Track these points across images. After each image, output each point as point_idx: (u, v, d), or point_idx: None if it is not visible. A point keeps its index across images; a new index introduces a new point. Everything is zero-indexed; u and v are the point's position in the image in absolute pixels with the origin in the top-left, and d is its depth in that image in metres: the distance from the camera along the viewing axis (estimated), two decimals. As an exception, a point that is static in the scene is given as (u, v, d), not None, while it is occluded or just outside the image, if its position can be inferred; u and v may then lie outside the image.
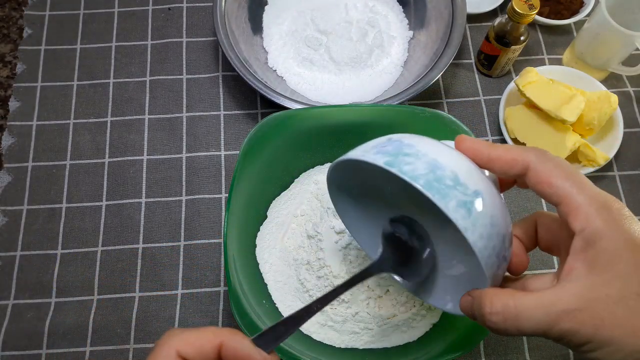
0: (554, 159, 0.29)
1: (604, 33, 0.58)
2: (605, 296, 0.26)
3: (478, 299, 0.29)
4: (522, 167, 0.29)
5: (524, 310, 0.27)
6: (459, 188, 0.28)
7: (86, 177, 0.60)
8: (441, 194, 0.28)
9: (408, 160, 0.30)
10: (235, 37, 0.62)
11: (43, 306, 0.55)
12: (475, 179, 0.29)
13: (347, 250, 0.48)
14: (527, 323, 0.26)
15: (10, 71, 0.66)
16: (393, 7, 0.69)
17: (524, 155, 0.29)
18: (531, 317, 0.26)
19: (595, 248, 0.26)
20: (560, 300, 0.26)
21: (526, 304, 0.27)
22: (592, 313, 0.25)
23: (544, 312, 0.26)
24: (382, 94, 0.63)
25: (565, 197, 0.27)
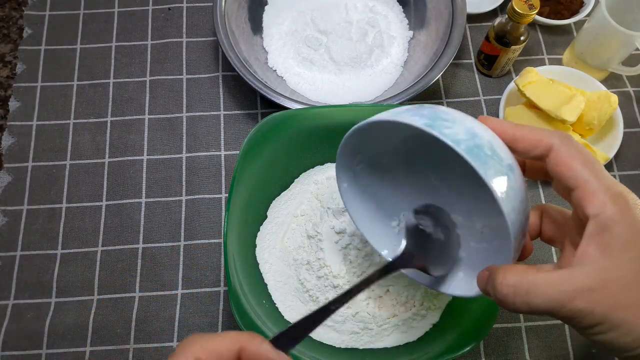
0: (577, 144, 0.29)
1: (604, 33, 0.58)
2: (620, 278, 0.26)
3: (493, 273, 0.29)
4: (544, 149, 0.29)
5: (537, 287, 0.27)
6: (495, 158, 0.29)
7: (86, 177, 0.60)
8: (481, 161, 0.28)
9: (447, 124, 0.30)
10: (235, 37, 0.62)
11: (43, 306, 0.55)
12: (508, 154, 0.30)
13: (347, 250, 0.48)
14: (538, 299, 0.27)
15: (10, 71, 0.66)
16: (393, 7, 0.69)
17: (549, 137, 0.29)
18: (543, 293, 0.27)
19: (610, 233, 0.26)
20: (575, 279, 0.26)
21: (539, 281, 0.27)
22: (607, 293, 0.26)
23: (558, 289, 0.26)
24: (382, 94, 0.63)
25: (582, 181, 0.28)
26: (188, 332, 0.54)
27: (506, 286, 0.28)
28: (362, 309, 0.47)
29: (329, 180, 0.52)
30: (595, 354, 0.53)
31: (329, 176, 0.53)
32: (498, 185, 0.28)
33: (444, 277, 0.38)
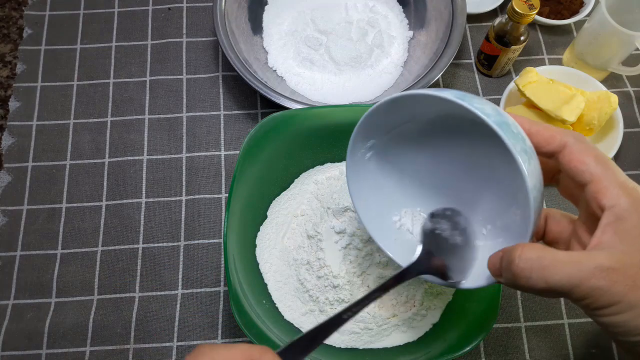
0: (589, 143, 0.31)
1: (604, 33, 0.58)
2: (638, 261, 0.27)
3: (509, 251, 0.29)
4: (558, 145, 0.31)
5: (555, 263, 0.27)
6: (520, 137, 0.30)
7: (86, 177, 0.60)
8: (509, 135, 0.29)
9: (476, 101, 0.31)
10: (235, 37, 0.62)
11: (43, 306, 0.55)
12: (526, 138, 0.31)
13: (347, 250, 0.48)
14: (557, 276, 0.27)
15: (10, 71, 0.66)
16: (393, 7, 0.69)
17: (563, 135, 0.31)
18: (563, 270, 0.27)
19: (626, 222, 0.28)
20: (594, 258, 0.27)
21: (558, 258, 0.27)
22: (626, 273, 0.26)
23: (577, 267, 0.27)
24: (382, 94, 0.63)
25: (596, 175, 0.29)
26: (188, 332, 0.54)
27: (525, 260, 0.28)
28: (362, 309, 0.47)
29: (329, 180, 0.52)
30: (595, 353, 0.53)
31: (329, 176, 0.53)
32: (523, 160, 0.29)
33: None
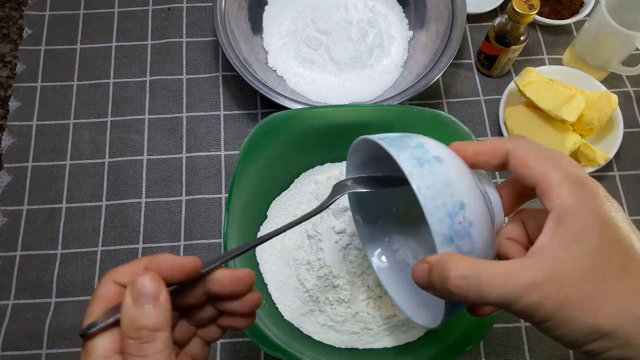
0: (533, 143, 0.30)
1: (604, 33, 0.58)
2: (572, 272, 0.25)
3: (440, 264, 0.27)
4: (503, 155, 0.30)
5: (491, 278, 0.26)
6: (419, 149, 0.30)
7: (86, 177, 0.60)
8: (398, 148, 0.30)
9: (388, 134, 0.32)
10: (235, 37, 0.62)
11: (43, 306, 0.55)
12: (441, 150, 0.31)
13: (347, 250, 0.48)
14: (494, 292, 0.25)
15: (10, 71, 0.66)
16: (393, 7, 0.69)
17: (505, 143, 0.30)
18: (498, 285, 0.25)
19: (564, 224, 0.26)
20: (528, 271, 0.25)
21: (493, 272, 0.26)
22: (557, 288, 0.25)
23: (511, 283, 0.25)
24: (382, 94, 0.63)
25: (541, 177, 0.28)
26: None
27: (461, 277, 0.26)
28: (362, 309, 0.47)
29: (329, 180, 0.52)
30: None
31: (329, 176, 0.53)
32: (410, 164, 0.29)
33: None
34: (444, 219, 0.28)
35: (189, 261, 0.27)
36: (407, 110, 0.53)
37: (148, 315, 0.25)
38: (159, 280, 0.26)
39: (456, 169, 0.30)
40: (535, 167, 0.28)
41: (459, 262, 0.27)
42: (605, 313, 0.25)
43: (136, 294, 0.25)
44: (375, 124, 0.52)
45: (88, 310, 0.26)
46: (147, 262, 0.27)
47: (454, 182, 0.29)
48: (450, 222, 0.28)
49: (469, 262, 0.27)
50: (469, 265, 0.26)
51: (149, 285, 0.25)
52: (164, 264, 0.27)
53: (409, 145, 0.30)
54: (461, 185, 0.29)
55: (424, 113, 0.52)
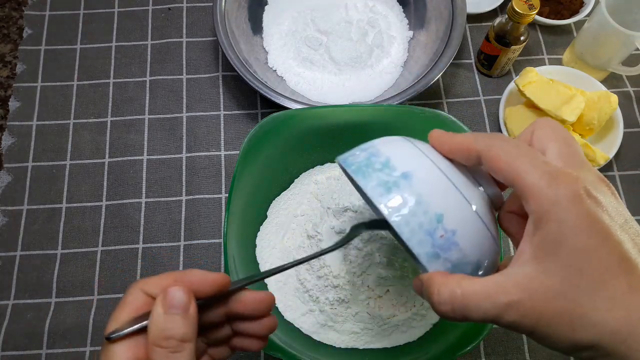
0: (506, 141, 0.27)
1: (604, 33, 0.58)
2: (546, 288, 0.25)
3: (426, 284, 0.28)
4: (475, 156, 0.28)
5: (471, 300, 0.26)
6: (385, 171, 0.29)
7: (86, 177, 0.60)
8: (364, 176, 0.29)
9: (356, 153, 0.32)
10: (235, 37, 0.62)
11: (43, 306, 0.55)
12: (408, 164, 0.29)
13: (347, 250, 0.48)
14: (475, 314, 0.26)
15: (10, 71, 0.66)
16: (393, 7, 0.69)
17: (475, 142, 0.28)
18: (479, 307, 0.25)
19: (540, 232, 0.25)
20: (504, 290, 0.25)
21: (472, 293, 0.26)
22: (533, 305, 0.24)
23: (490, 303, 0.25)
24: (382, 94, 0.63)
25: (516, 177, 0.26)
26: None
27: (444, 304, 0.27)
28: (362, 309, 0.47)
29: (329, 180, 0.52)
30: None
31: (329, 176, 0.53)
32: (378, 193, 0.28)
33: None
34: (424, 240, 0.28)
35: (219, 277, 0.28)
36: (407, 110, 0.53)
37: (177, 325, 0.26)
38: (190, 293, 0.27)
39: (427, 180, 0.29)
40: (509, 167, 0.26)
41: (440, 286, 0.27)
42: (581, 328, 0.24)
43: (167, 305, 0.26)
44: (375, 124, 0.52)
45: (113, 316, 0.27)
46: (177, 275, 0.28)
47: (425, 197, 0.28)
48: (432, 239, 0.28)
49: (449, 285, 0.27)
50: (448, 290, 0.26)
51: (180, 297, 0.26)
52: (194, 278, 0.28)
53: (375, 167, 0.30)
54: (434, 196, 0.28)
55: (424, 113, 0.52)
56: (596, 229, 0.24)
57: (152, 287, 0.28)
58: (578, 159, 0.27)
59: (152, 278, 0.28)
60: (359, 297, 0.47)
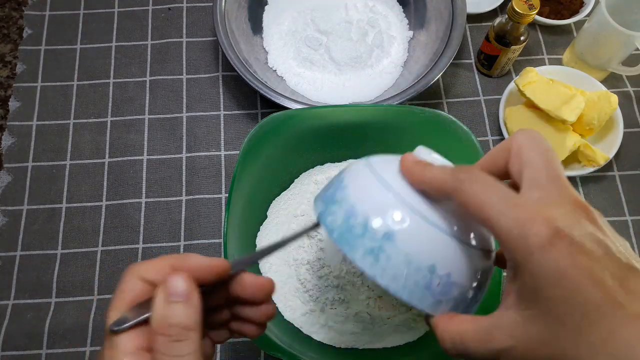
0: (477, 181, 0.26)
1: (604, 33, 0.58)
2: (530, 336, 0.25)
3: (434, 330, 0.29)
4: (447, 194, 0.28)
5: (470, 345, 0.27)
6: (368, 236, 0.28)
7: (86, 177, 0.60)
8: (350, 245, 0.29)
9: (333, 209, 0.30)
10: (235, 37, 0.62)
11: (43, 306, 0.55)
12: (391, 218, 0.29)
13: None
14: (476, 356, 0.27)
15: (10, 71, 0.66)
16: (393, 7, 0.69)
17: (450, 180, 0.27)
18: (477, 351, 0.26)
19: (518, 280, 0.25)
20: (495, 337, 0.26)
21: (470, 340, 0.27)
22: (523, 352, 0.25)
23: (486, 349, 0.26)
24: (382, 94, 0.63)
25: (488, 222, 0.25)
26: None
27: (449, 350, 0.28)
28: (362, 309, 0.47)
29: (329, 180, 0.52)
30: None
31: (329, 176, 0.53)
32: (368, 264, 0.28)
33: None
34: (423, 295, 0.28)
35: (218, 263, 0.28)
36: (407, 110, 0.53)
37: (180, 314, 0.25)
38: (191, 281, 0.26)
39: (409, 234, 0.28)
40: (479, 213, 0.26)
41: (442, 332, 0.28)
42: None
43: (168, 293, 0.26)
44: (375, 124, 0.52)
45: (112, 305, 0.27)
46: (174, 261, 0.28)
47: (414, 255, 0.28)
48: (430, 291, 0.28)
49: (450, 332, 0.28)
50: (450, 337, 0.28)
51: (182, 285, 0.26)
52: (193, 265, 0.28)
53: (356, 233, 0.29)
54: (421, 249, 0.28)
55: (424, 113, 0.52)
56: (569, 278, 0.23)
57: (150, 272, 0.27)
58: (557, 184, 0.26)
59: (148, 262, 0.28)
60: (359, 297, 0.47)
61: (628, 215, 0.58)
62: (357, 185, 0.31)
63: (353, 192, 0.31)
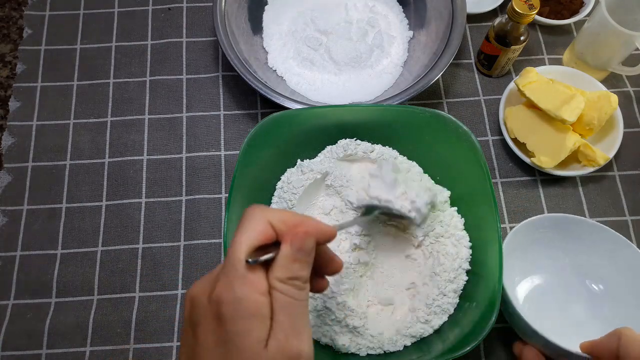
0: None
1: (604, 33, 0.58)
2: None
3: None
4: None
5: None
6: None
7: (86, 177, 0.60)
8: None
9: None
10: (235, 37, 0.62)
11: (43, 306, 0.55)
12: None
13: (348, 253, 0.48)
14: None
15: (10, 71, 0.66)
16: (393, 7, 0.69)
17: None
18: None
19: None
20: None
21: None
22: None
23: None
24: (382, 94, 0.63)
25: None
26: (188, 332, 0.54)
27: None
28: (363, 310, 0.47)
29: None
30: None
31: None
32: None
33: None
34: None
35: (332, 230, 0.32)
36: (407, 110, 0.53)
37: (303, 267, 0.30)
38: (315, 243, 0.31)
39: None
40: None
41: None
42: None
43: (298, 249, 0.30)
44: (375, 124, 0.52)
45: (240, 239, 0.29)
46: (300, 219, 0.31)
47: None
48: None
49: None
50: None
51: (311, 245, 0.30)
52: (311, 228, 0.31)
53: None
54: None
55: (424, 113, 0.52)
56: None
57: (277, 221, 0.30)
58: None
59: (274, 211, 0.31)
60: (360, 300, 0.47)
61: (628, 215, 0.58)
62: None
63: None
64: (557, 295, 0.52)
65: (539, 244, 0.52)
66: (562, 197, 0.59)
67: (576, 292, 0.52)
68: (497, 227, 0.46)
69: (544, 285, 0.53)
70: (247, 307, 0.28)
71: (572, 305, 0.52)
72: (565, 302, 0.52)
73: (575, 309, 0.52)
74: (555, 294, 0.53)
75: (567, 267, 0.53)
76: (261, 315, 0.28)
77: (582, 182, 0.60)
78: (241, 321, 0.27)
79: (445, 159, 0.52)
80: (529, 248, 0.52)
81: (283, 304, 0.28)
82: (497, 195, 0.59)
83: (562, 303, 0.52)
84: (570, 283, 0.53)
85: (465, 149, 0.50)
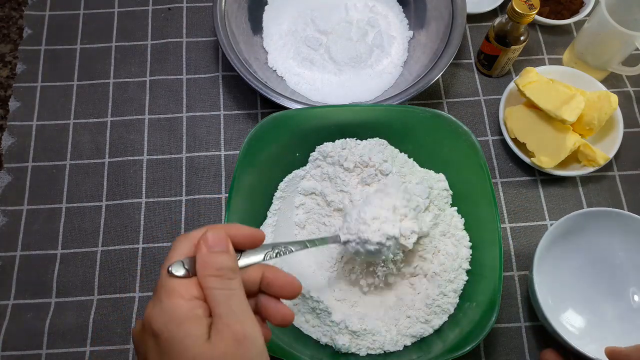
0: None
1: (604, 33, 0.58)
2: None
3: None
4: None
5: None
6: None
7: (86, 177, 0.60)
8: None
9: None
10: (235, 37, 0.62)
11: (43, 306, 0.55)
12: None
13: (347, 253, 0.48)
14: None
15: (10, 71, 0.66)
16: (393, 7, 0.69)
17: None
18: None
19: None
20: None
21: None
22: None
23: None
24: (382, 94, 0.63)
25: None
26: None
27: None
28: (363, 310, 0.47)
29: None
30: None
31: (329, 176, 0.52)
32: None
33: None
34: None
35: (254, 230, 0.33)
36: (407, 110, 0.53)
37: (223, 259, 0.30)
38: (226, 236, 0.32)
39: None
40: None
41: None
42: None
43: (209, 245, 0.30)
44: (375, 124, 0.52)
45: (167, 260, 0.31)
46: (214, 226, 0.32)
47: None
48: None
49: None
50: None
51: (218, 237, 0.31)
52: (232, 229, 0.32)
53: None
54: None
55: (424, 113, 0.52)
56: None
57: (197, 237, 0.31)
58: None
59: (193, 231, 0.32)
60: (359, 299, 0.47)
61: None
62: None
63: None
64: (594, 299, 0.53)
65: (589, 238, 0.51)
66: (562, 197, 0.59)
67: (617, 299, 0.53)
68: (497, 227, 0.46)
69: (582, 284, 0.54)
70: (178, 314, 0.28)
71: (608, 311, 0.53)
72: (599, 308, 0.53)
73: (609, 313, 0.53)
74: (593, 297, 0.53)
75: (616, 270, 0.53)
76: (195, 316, 0.29)
77: (582, 182, 0.60)
78: (176, 328, 0.28)
79: (446, 159, 0.52)
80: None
81: (218, 298, 0.29)
82: (497, 195, 0.59)
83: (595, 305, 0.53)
84: (612, 290, 0.53)
85: (465, 149, 0.50)
